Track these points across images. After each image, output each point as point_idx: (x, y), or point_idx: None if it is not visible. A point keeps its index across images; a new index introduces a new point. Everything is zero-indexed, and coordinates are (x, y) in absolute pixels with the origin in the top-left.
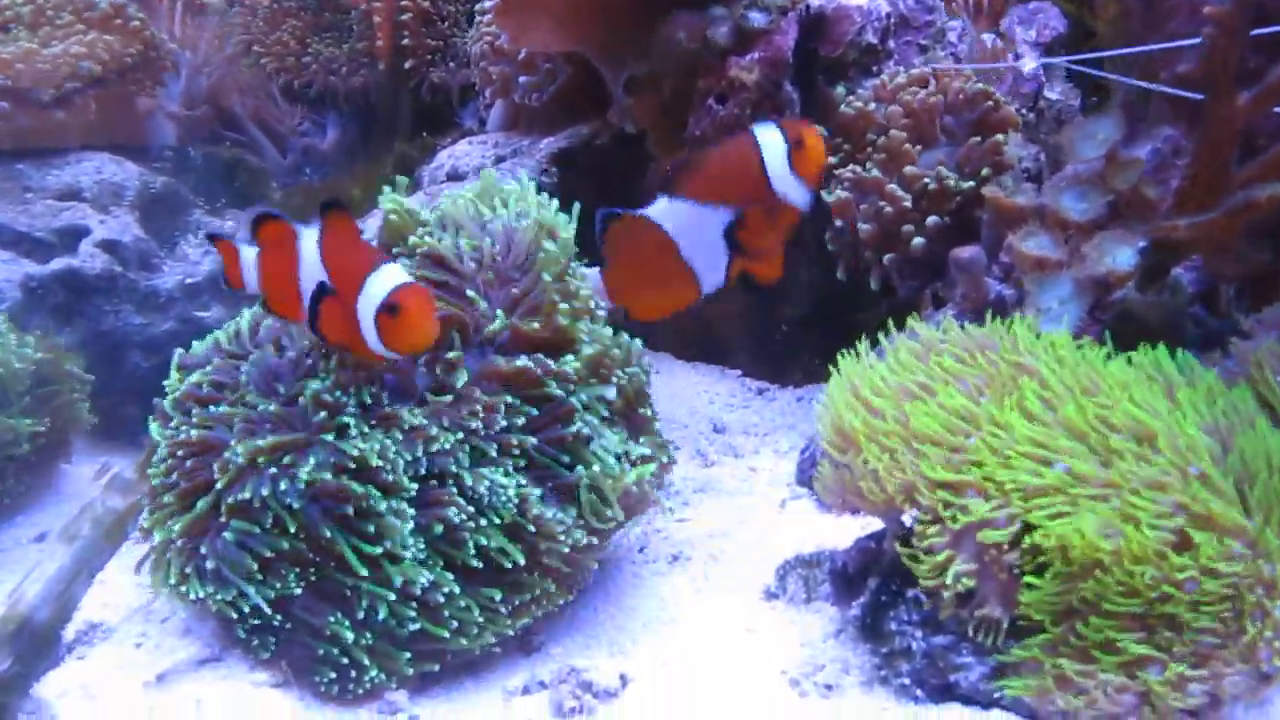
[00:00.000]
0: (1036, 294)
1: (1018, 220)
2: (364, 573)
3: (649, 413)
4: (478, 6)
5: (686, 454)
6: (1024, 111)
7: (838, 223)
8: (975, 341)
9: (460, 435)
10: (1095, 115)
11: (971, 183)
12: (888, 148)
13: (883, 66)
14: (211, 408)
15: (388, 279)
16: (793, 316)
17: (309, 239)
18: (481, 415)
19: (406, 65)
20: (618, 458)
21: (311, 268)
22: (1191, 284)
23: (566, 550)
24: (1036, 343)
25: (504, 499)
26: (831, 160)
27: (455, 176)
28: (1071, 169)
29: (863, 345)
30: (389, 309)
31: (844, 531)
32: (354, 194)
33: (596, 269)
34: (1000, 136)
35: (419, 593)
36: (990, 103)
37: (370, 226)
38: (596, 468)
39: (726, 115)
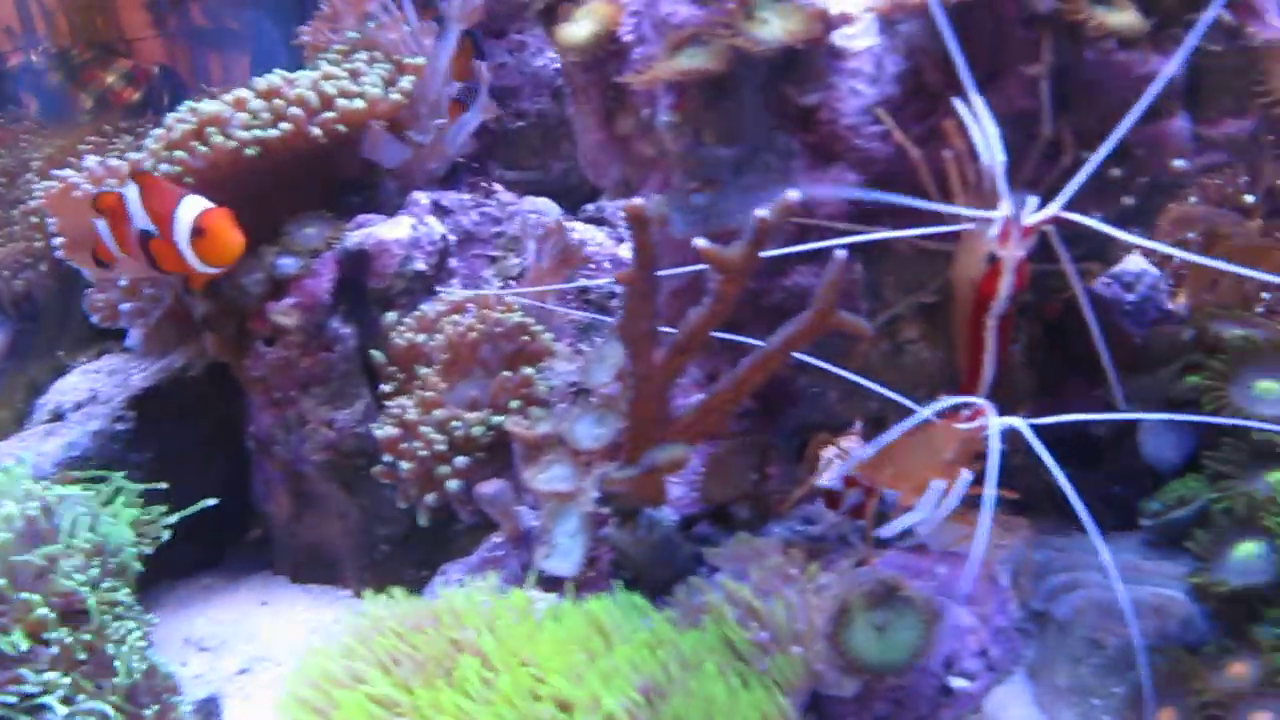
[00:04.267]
0: (552, 528)
1: (539, 451)
2: None
3: None
4: None
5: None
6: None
7: (386, 458)
8: (414, 618)
9: None
10: (610, 338)
11: (502, 418)
12: (424, 384)
13: (448, 286)
14: None
15: (191, 209)
16: (392, 535)
17: (132, 194)
18: None
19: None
20: None
21: (139, 217)
22: (692, 505)
23: None
24: (477, 614)
25: None
26: (386, 388)
27: (57, 415)
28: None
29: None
30: (197, 233)
31: None
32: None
33: None
34: (530, 370)
35: None
36: (526, 336)
37: None
38: None
39: (275, 358)
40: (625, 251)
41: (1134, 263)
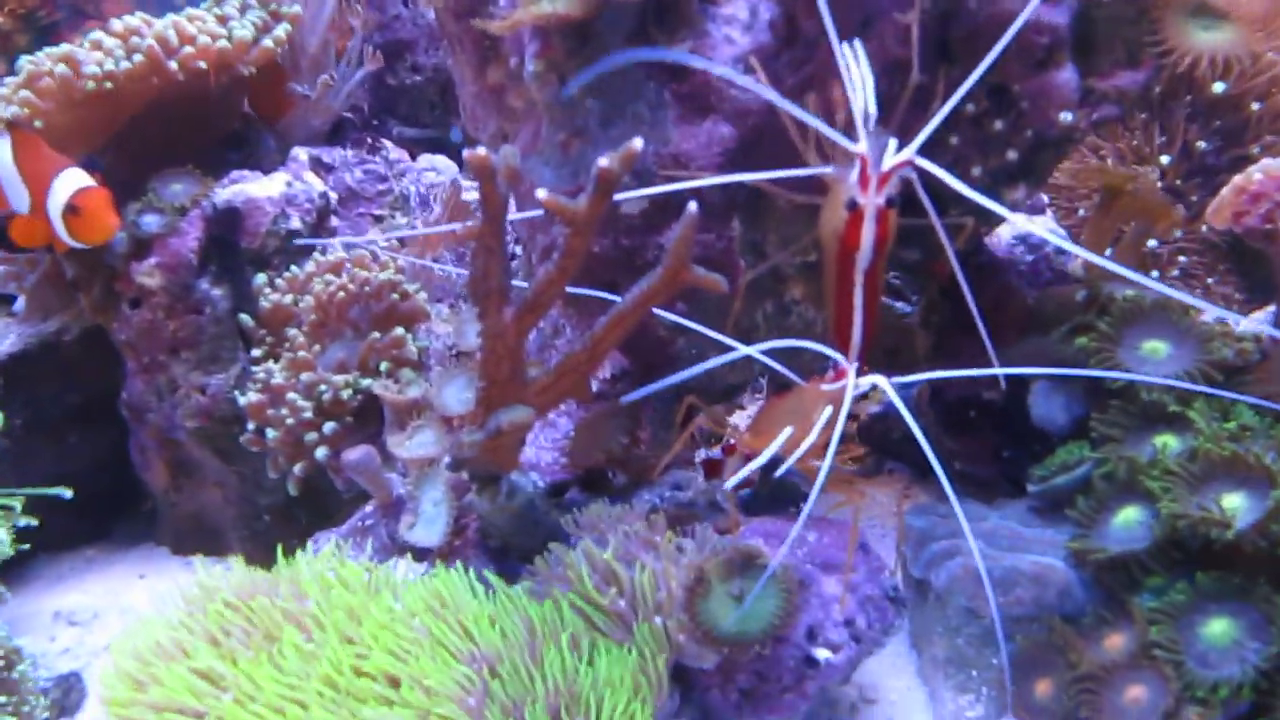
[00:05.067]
0: (418, 495)
1: (408, 416)
2: None
3: None
4: None
5: None
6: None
7: (251, 425)
8: (249, 589)
9: None
10: None
11: (370, 381)
12: (292, 347)
13: (327, 247)
14: None
15: (69, 183)
16: (274, 504)
17: (3, 149)
18: None
19: None
20: None
21: (10, 175)
22: (562, 471)
23: None
24: (317, 584)
25: None
26: (255, 353)
27: None
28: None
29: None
30: (71, 210)
31: None
32: None
33: None
34: (400, 331)
35: None
36: (396, 294)
37: None
38: None
39: (141, 321)
40: None
41: (1043, 221)
